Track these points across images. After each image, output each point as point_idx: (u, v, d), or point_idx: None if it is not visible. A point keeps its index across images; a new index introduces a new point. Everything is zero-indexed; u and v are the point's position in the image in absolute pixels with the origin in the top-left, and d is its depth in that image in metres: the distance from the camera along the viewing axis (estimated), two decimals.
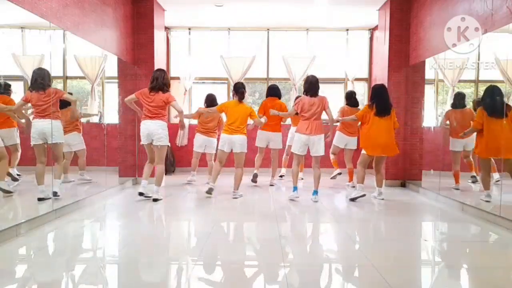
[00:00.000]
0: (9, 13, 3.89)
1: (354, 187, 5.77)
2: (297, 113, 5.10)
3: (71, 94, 5.48)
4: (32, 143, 4.34)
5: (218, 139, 5.88)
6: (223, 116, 5.78)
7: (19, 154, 4.74)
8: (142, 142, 5.00)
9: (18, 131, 4.65)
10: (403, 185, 6.33)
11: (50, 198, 4.24)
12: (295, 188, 5.11)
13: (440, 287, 2.68)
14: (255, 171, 6.25)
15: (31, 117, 4.37)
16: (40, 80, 4.23)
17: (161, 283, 2.61)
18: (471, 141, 5.17)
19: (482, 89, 5.73)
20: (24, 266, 2.87)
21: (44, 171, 4.34)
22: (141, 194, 4.95)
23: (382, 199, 5.15)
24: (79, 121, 5.46)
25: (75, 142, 5.35)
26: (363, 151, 5.20)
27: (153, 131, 4.81)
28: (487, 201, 4.55)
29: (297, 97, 5.96)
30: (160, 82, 4.80)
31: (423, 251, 3.41)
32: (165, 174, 6.81)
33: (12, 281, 2.60)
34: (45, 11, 3.98)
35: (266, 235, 3.69)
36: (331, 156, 6.27)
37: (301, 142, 4.96)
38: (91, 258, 3.11)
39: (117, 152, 6.18)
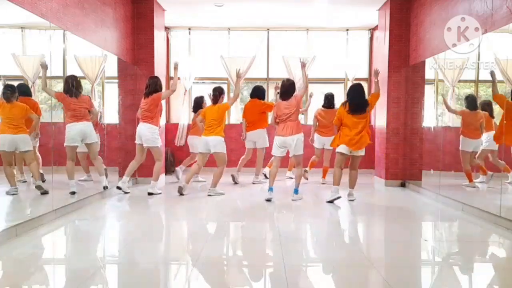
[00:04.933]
0: (9, 13, 3.89)
1: (324, 183, 6.30)
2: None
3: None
4: None
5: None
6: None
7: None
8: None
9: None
10: (403, 185, 6.32)
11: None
12: (270, 189, 5.03)
13: (440, 287, 2.68)
14: (262, 175, 6.51)
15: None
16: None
17: (161, 282, 2.61)
18: (479, 143, 5.33)
19: (482, 89, 5.74)
20: (23, 266, 2.87)
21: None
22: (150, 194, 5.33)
23: (352, 200, 5.00)
24: None
25: None
26: (337, 150, 5.09)
27: (142, 133, 5.25)
28: None
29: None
30: (153, 89, 5.20)
31: (423, 251, 3.41)
32: (165, 174, 6.88)
33: (12, 281, 2.60)
34: (45, 11, 3.98)
35: (266, 235, 3.70)
36: (313, 158, 6.53)
37: (279, 143, 5.01)
38: (90, 258, 3.10)
39: (117, 152, 6.19)
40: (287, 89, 5.01)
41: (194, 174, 5.64)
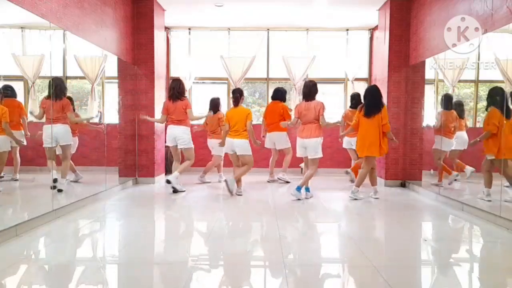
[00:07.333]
0: (9, 13, 3.88)
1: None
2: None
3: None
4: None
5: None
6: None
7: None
8: (167, 144, 5.69)
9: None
10: (403, 185, 6.33)
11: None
12: (307, 189, 5.26)
13: (440, 287, 2.68)
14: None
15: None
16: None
17: (161, 282, 2.61)
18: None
19: (482, 89, 5.74)
20: (23, 266, 2.87)
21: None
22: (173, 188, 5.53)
23: (377, 198, 5.20)
24: None
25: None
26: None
27: (177, 135, 5.44)
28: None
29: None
30: (176, 91, 5.39)
31: (423, 251, 3.41)
32: (165, 174, 6.89)
33: (12, 281, 2.60)
34: (45, 11, 3.99)
35: (265, 235, 3.70)
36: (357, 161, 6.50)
37: (299, 145, 5.16)
38: (90, 258, 3.10)
39: (117, 152, 6.19)
40: (310, 90, 5.04)
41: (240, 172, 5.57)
